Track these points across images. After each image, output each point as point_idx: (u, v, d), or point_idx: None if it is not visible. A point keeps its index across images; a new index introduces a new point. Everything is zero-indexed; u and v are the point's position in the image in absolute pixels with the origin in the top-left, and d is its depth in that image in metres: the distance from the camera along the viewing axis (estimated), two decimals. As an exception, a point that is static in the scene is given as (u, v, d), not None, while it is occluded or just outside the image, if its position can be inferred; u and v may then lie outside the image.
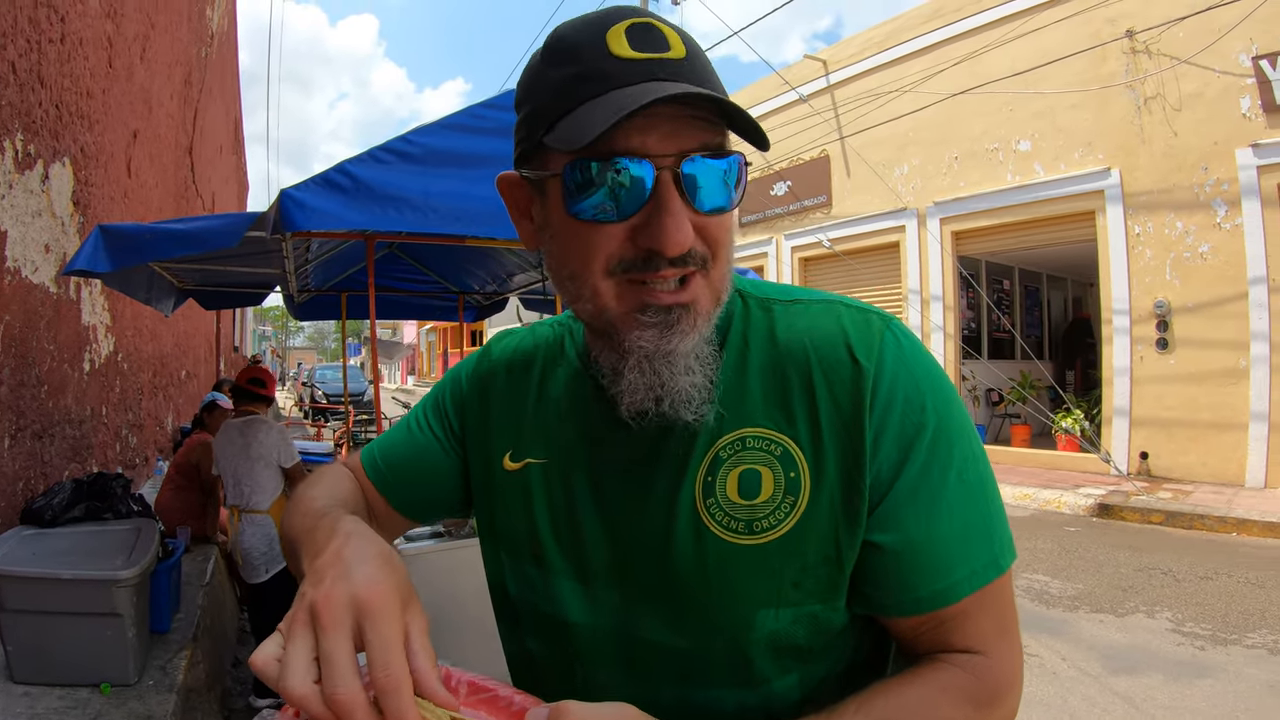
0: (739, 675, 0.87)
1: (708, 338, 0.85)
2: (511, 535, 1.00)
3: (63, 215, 4.95)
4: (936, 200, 13.09)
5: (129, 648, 3.26)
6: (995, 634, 0.86)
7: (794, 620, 0.85)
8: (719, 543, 0.84)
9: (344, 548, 0.72)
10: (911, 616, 0.85)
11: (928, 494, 0.82)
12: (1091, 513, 9.10)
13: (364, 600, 0.65)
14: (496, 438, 1.03)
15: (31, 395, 4.45)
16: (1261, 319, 9.31)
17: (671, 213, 0.77)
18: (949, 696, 0.81)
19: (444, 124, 3.91)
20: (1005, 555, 0.86)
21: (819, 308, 0.92)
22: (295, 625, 0.66)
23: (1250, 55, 9.32)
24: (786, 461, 0.84)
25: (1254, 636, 5.04)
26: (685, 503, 0.86)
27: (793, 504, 0.83)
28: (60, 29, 4.86)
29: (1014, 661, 0.87)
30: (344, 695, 0.60)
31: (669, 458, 0.89)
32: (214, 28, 12.63)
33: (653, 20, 0.79)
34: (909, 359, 0.86)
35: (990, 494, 0.86)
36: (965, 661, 0.84)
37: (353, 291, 7.89)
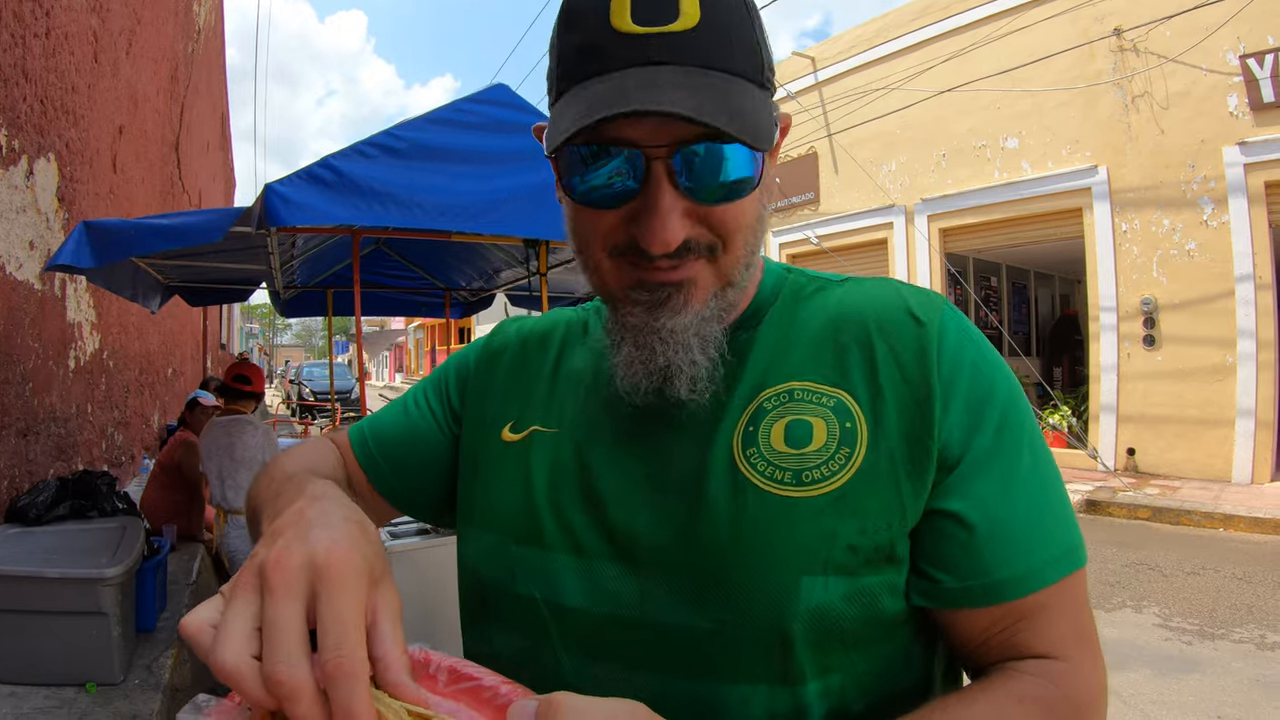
0: (771, 666, 0.73)
1: (711, 316, 0.79)
2: (498, 510, 0.89)
3: (47, 211, 4.91)
4: (924, 197, 13.11)
5: (114, 646, 3.23)
6: (1075, 639, 0.76)
7: (845, 596, 0.72)
8: (761, 495, 0.75)
9: (308, 508, 0.62)
10: (986, 608, 0.74)
11: (1002, 466, 0.75)
12: (1079, 509, 9.11)
13: (323, 565, 0.55)
14: (499, 408, 0.96)
15: (16, 393, 4.41)
16: (1248, 316, 9.35)
17: (658, 211, 0.71)
18: (1024, 707, 0.70)
19: (429, 119, 3.89)
20: (1082, 550, 0.77)
21: (876, 282, 0.87)
22: (238, 589, 0.55)
23: (1238, 53, 9.35)
24: (841, 412, 0.76)
25: (1241, 631, 5.06)
26: (720, 455, 0.78)
27: (849, 455, 0.74)
28: (45, 23, 4.82)
29: (1099, 674, 0.77)
30: (284, 674, 0.49)
31: (701, 415, 0.81)
32: (201, 23, 12.57)
33: None
34: (971, 331, 0.82)
35: (1060, 484, 0.80)
36: (1044, 669, 0.73)
37: (339, 288, 7.87)
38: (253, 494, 0.88)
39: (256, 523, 0.80)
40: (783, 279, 0.90)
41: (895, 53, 13.44)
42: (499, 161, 3.87)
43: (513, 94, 4.12)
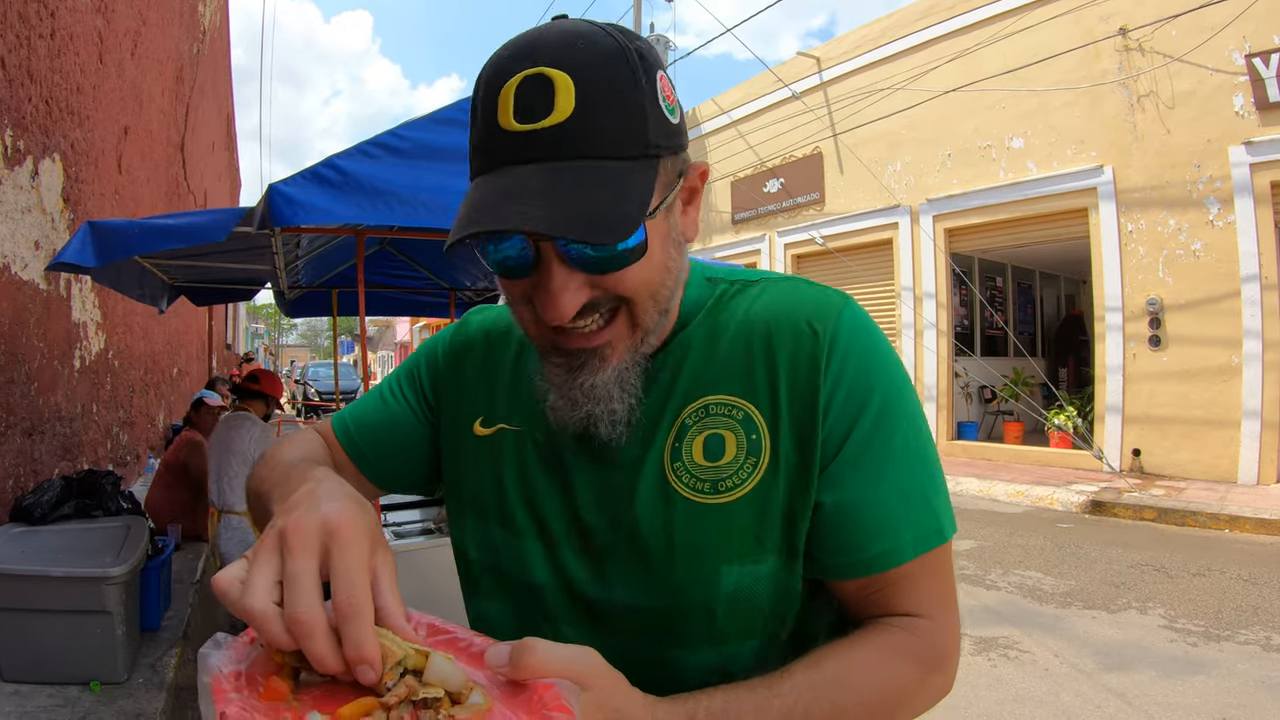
0: (703, 634, 0.89)
1: (630, 364, 0.88)
2: (479, 498, 1.02)
3: (53, 211, 4.93)
4: (929, 197, 13.11)
5: (119, 645, 3.24)
6: (938, 601, 0.91)
7: (755, 578, 0.88)
8: (686, 503, 0.88)
9: (316, 488, 0.73)
10: (859, 578, 0.89)
11: (873, 458, 0.87)
12: (1084, 510, 9.12)
13: (334, 526, 0.66)
14: (470, 404, 1.06)
15: (21, 392, 4.42)
16: (1254, 316, 9.34)
17: (550, 290, 0.80)
18: (894, 654, 0.87)
19: (433, 119, 3.89)
20: (948, 525, 0.90)
21: (784, 284, 0.97)
22: (261, 549, 0.66)
23: (1243, 53, 9.34)
24: (748, 425, 0.88)
25: (1246, 633, 5.05)
26: (653, 468, 0.90)
27: (755, 464, 0.87)
28: (50, 24, 4.84)
29: (955, 630, 0.92)
30: (305, 615, 0.60)
31: (637, 431, 0.92)
32: (206, 24, 12.59)
33: (545, 70, 0.76)
34: (862, 334, 0.91)
35: (933, 467, 0.91)
36: (910, 624, 0.89)
37: (344, 288, 7.87)
38: (256, 480, 0.97)
39: (265, 504, 0.88)
40: (704, 291, 0.99)
41: (900, 52, 13.44)
42: (503, 161, 3.87)
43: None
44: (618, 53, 0.79)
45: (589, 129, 0.76)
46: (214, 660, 0.62)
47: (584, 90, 0.76)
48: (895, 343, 13.99)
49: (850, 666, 0.84)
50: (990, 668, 4.66)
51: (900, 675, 0.86)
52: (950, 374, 13.20)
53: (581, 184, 0.75)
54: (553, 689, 0.65)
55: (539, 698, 0.65)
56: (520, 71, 0.77)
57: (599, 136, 0.77)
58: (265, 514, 0.86)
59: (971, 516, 9.04)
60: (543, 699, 0.64)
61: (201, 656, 0.62)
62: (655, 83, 0.81)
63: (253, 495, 0.97)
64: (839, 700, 0.82)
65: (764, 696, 0.80)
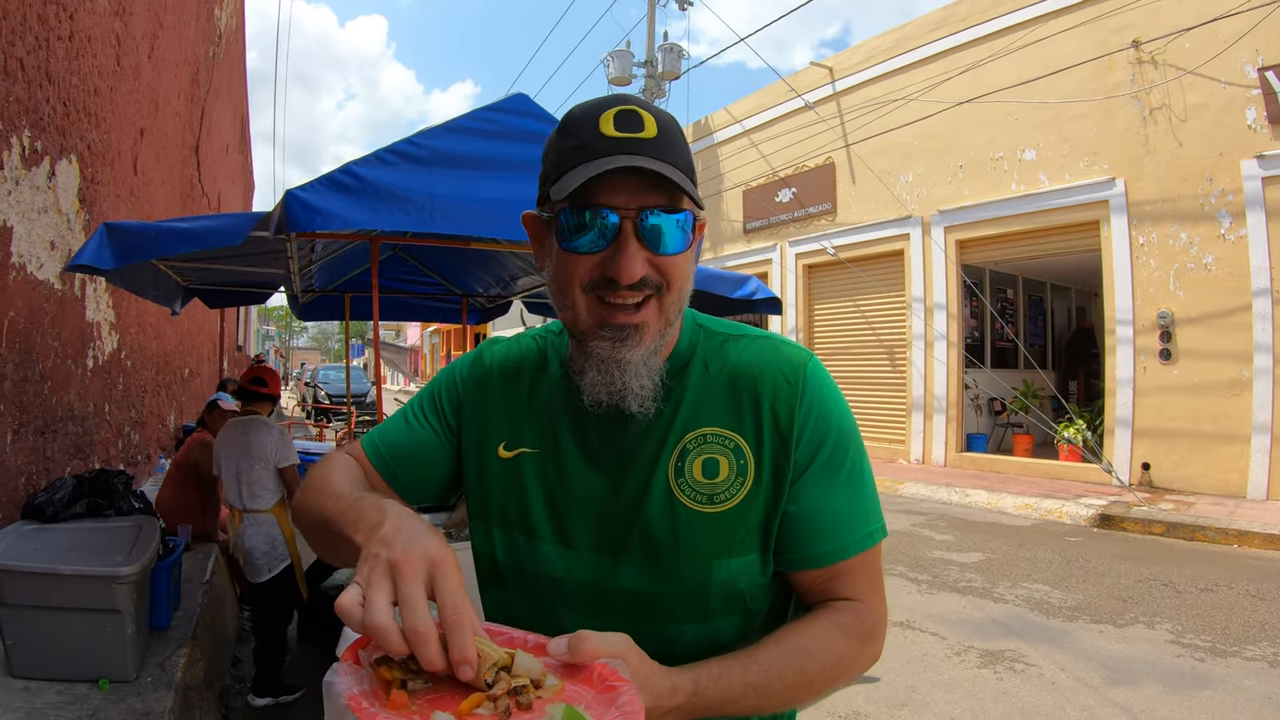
0: (697, 614, 1.14)
1: (655, 350, 1.12)
2: (504, 511, 1.22)
3: (68, 212, 4.97)
4: (941, 209, 13.10)
5: (128, 644, 3.26)
6: (870, 589, 1.17)
7: (739, 569, 1.13)
8: (689, 512, 1.12)
9: (401, 521, 0.90)
10: (812, 570, 1.15)
11: (828, 478, 1.14)
12: (1093, 523, 9.09)
13: (436, 558, 0.83)
14: (492, 431, 1.26)
15: (35, 391, 4.46)
16: (1265, 331, 9.30)
17: (626, 251, 1.03)
18: (841, 630, 1.12)
19: (449, 127, 3.92)
20: (879, 532, 1.17)
21: (761, 341, 1.22)
22: (374, 576, 0.81)
23: (1256, 66, 9.32)
24: (738, 453, 1.14)
25: (1254, 649, 5.03)
26: (660, 482, 1.14)
27: (742, 483, 1.13)
28: (69, 26, 4.88)
29: (883, 610, 1.19)
30: (422, 626, 0.76)
31: (647, 449, 1.16)
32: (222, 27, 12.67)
33: (636, 107, 1.05)
34: (823, 385, 1.18)
35: (869, 488, 1.18)
36: (851, 607, 1.15)
37: (356, 292, 7.88)
38: (314, 505, 1.16)
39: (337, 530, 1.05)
40: (696, 333, 1.24)
41: (913, 63, 13.45)
42: (518, 169, 3.89)
43: (532, 103, 4.14)
44: (675, 121, 1.09)
45: (669, 146, 1.05)
46: (341, 685, 0.76)
47: (663, 126, 1.06)
48: (905, 354, 13.98)
49: (809, 639, 1.10)
50: (997, 681, 4.66)
51: (846, 646, 1.12)
52: (960, 385, 13.18)
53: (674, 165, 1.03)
54: (608, 666, 0.85)
55: (598, 674, 0.84)
56: (616, 106, 1.05)
57: (675, 154, 1.05)
58: (337, 539, 1.04)
59: (980, 529, 9.03)
60: (602, 675, 0.84)
61: (327, 685, 0.77)
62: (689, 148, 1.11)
63: (315, 520, 1.15)
64: (803, 665, 1.07)
65: (745, 664, 1.04)
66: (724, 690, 1.01)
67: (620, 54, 19.37)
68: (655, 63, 19.29)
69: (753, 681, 1.03)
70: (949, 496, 10.84)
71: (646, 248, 1.04)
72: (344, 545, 0.99)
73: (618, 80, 19.44)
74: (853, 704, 4.39)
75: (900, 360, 14.20)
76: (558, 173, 1.07)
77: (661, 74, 19.28)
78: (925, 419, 13.58)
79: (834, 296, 15.60)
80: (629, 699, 0.80)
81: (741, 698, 1.03)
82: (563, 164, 1.06)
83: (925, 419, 13.58)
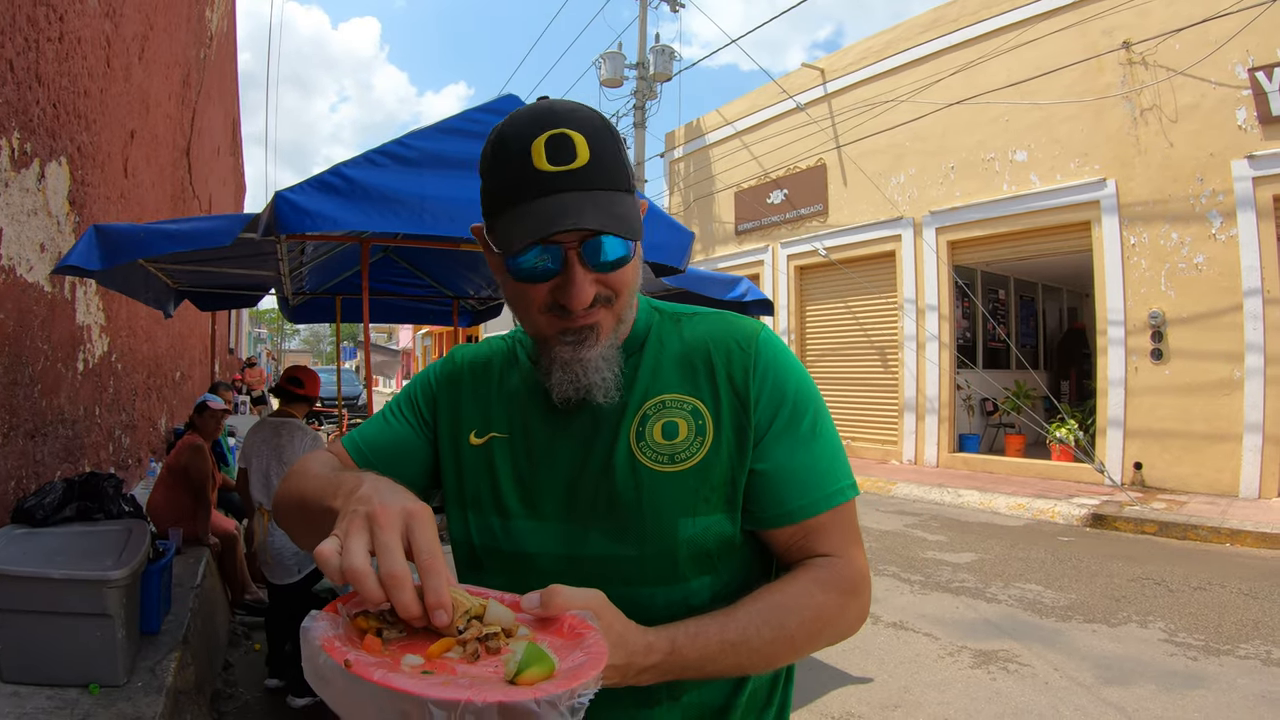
0: (666, 575, 1.16)
1: (613, 345, 1.17)
2: (478, 496, 1.26)
3: (59, 214, 4.94)
4: (932, 210, 13.13)
5: (118, 648, 3.25)
6: (847, 544, 1.19)
7: (705, 529, 1.15)
8: (650, 472, 1.15)
9: (379, 483, 0.95)
10: (785, 527, 1.17)
11: (791, 437, 1.17)
12: (1085, 523, 9.12)
13: (413, 510, 0.86)
14: (464, 420, 1.32)
15: (24, 394, 4.43)
16: (1256, 330, 9.34)
17: (574, 281, 1.08)
18: (820, 586, 1.13)
19: (439, 128, 3.90)
20: (850, 488, 1.19)
21: (714, 317, 1.28)
22: (352, 527, 0.84)
23: (1246, 67, 9.37)
24: (695, 414, 1.18)
25: (1247, 647, 5.04)
26: (623, 447, 1.18)
27: (701, 442, 1.16)
28: (59, 28, 4.86)
29: (863, 563, 1.20)
30: (399, 571, 0.79)
31: (608, 421, 1.20)
32: (213, 29, 12.64)
33: (566, 130, 1.06)
34: (776, 350, 1.21)
35: (835, 445, 1.21)
36: (828, 562, 1.17)
37: (347, 295, 7.86)
38: (293, 488, 1.21)
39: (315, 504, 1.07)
40: (651, 315, 1.29)
41: (905, 65, 13.49)
42: (508, 170, 3.88)
43: (521, 104, 4.13)
44: (604, 122, 1.11)
45: (600, 170, 1.07)
46: (316, 630, 0.78)
47: (594, 144, 1.06)
48: (897, 355, 14.00)
49: (787, 595, 1.11)
50: (990, 681, 4.66)
51: (826, 600, 1.12)
52: (952, 386, 13.20)
53: (606, 202, 1.06)
54: (577, 617, 0.88)
55: (568, 625, 0.88)
56: (546, 131, 1.06)
57: (606, 175, 1.07)
58: (314, 513, 1.07)
59: (972, 529, 9.04)
60: (572, 625, 0.87)
61: (304, 630, 0.79)
62: (622, 142, 1.14)
63: (292, 502, 1.20)
64: (782, 621, 1.08)
65: (722, 622, 1.05)
66: (701, 648, 1.03)
67: (612, 55, 19.40)
68: (647, 64, 19.32)
69: (731, 639, 1.05)
70: (941, 497, 10.85)
71: (593, 270, 1.09)
72: (323, 517, 1.00)
73: (609, 82, 19.47)
74: (846, 705, 4.39)
75: (892, 361, 14.23)
76: (493, 211, 1.12)
77: (653, 76, 19.31)
78: (917, 420, 13.60)
79: (826, 298, 15.62)
80: (594, 641, 0.84)
81: (720, 655, 1.04)
82: (497, 204, 1.11)
83: (917, 420, 13.60)
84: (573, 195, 1.05)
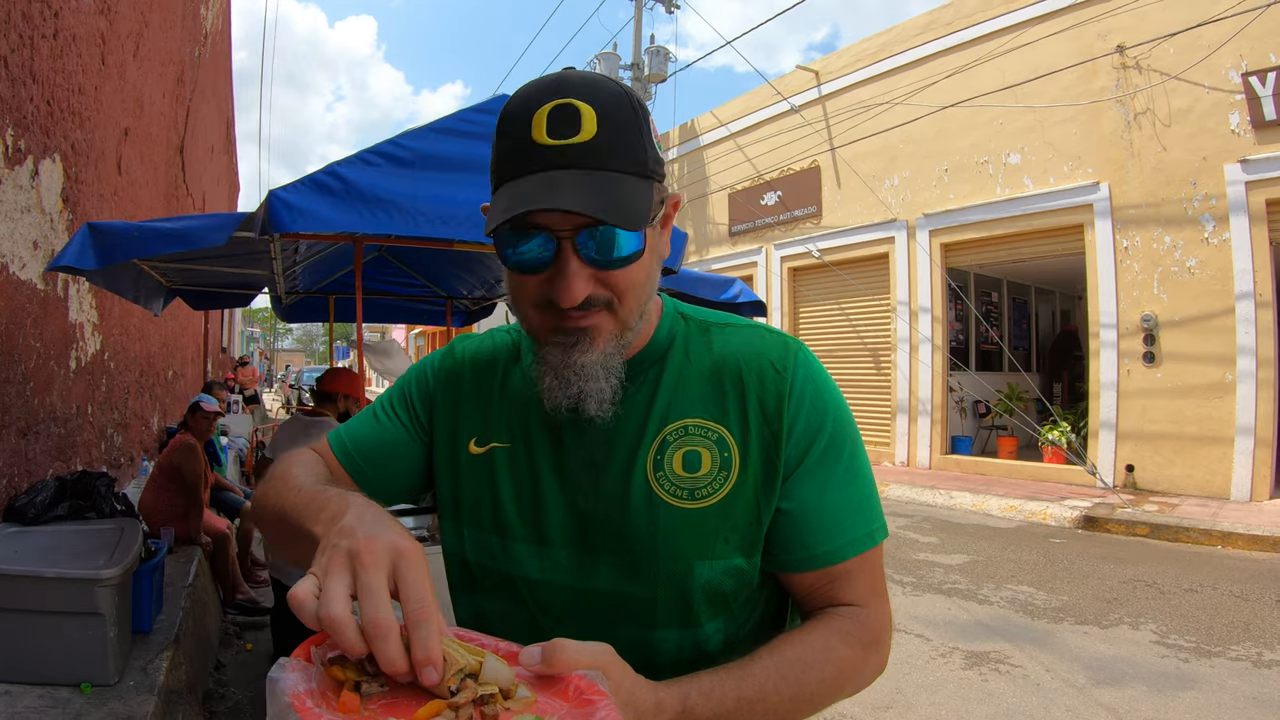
0: (680, 617, 1.06)
1: (614, 352, 1.04)
2: (475, 509, 1.16)
3: (52, 212, 4.93)
4: (926, 212, 13.15)
5: (110, 648, 3.24)
6: (872, 593, 1.09)
7: (723, 571, 1.06)
8: (668, 507, 1.05)
9: (364, 512, 0.83)
10: (808, 572, 1.07)
11: (822, 475, 1.06)
12: (1077, 525, 9.14)
13: (401, 548, 0.75)
14: (464, 425, 1.20)
15: (16, 392, 4.42)
16: (1248, 334, 9.37)
17: (566, 275, 0.96)
18: (842, 638, 1.04)
19: (433, 128, 3.90)
20: (880, 531, 1.10)
21: (747, 330, 1.15)
22: (333, 566, 0.74)
23: (1240, 71, 9.40)
24: (721, 445, 1.06)
25: (1238, 649, 5.06)
26: (639, 477, 1.06)
27: (726, 477, 1.05)
28: (53, 25, 4.85)
29: (888, 615, 1.11)
30: (383, 619, 0.69)
31: (623, 442, 1.09)
32: (208, 27, 12.61)
33: (573, 101, 0.94)
34: (814, 374, 1.10)
35: (869, 483, 1.10)
36: (850, 613, 1.07)
37: (340, 294, 7.87)
38: (271, 498, 1.08)
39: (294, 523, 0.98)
40: (676, 321, 1.17)
41: (899, 67, 13.51)
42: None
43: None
44: (625, 97, 0.98)
45: (609, 148, 0.95)
46: (286, 683, 0.68)
47: (604, 118, 0.94)
48: (890, 357, 14.02)
49: (807, 649, 1.01)
50: (982, 682, 4.67)
51: (847, 655, 1.03)
52: (945, 388, 13.23)
53: (606, 185, 0.93)
54: (585, 679, 0.77)
55: (574, 687, 0.76)
56: (551, 101, 0.95)
57: (616, 154, 0.95)
58: (296, 533, 0.96)
59: (965, 531, 9.06)
60: (578, 688, 0.76)
61: (271, 681, 0.68)
62: (648, 124, 1.00)
63: (273, 515, 1.06)
64: (801, 678, 0.98)
65: (739, 677, 0.95)
66: (715, 706, 0.92)
67: (607, 56, 19.41)
68: (642, 65, 19.34)
69: (747, 696, 0.94)
70: (934, 499, 10.88)
71: (591, 264, 0.97)
72: (303, 539, 0.91)
73: (604, 83, 19.42)
74: (838, 706, 4.39)
75: (885, 363, 14.25)
76: (495, 180, 1.02)
77: (648, 77, 19.32)
78: (910, 422, 13.62)
79: (819, 299, 15.63)
80: (607, 713, 0.72)
81: (735, 714, 0.94)
82: (499, 172, 1.00)
83: (910, 422, 13.62)
84: (569, 174, 0.93)
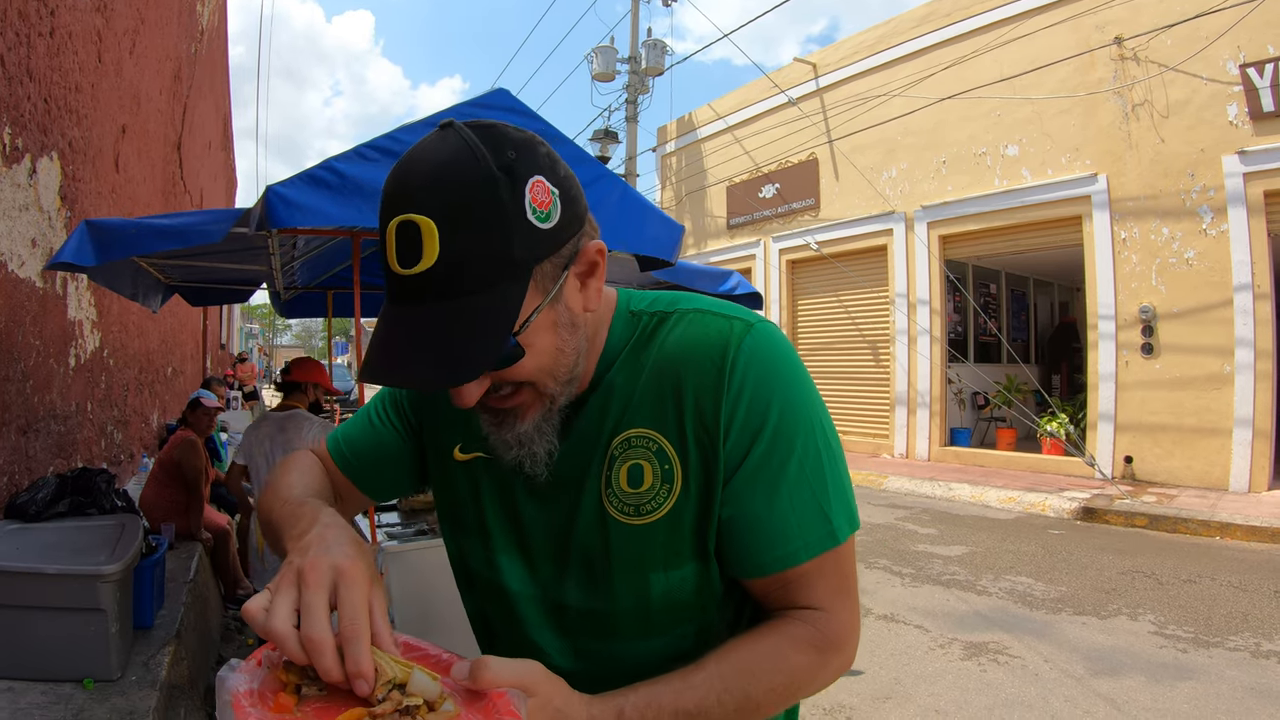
0: (643, 628, 1.07)
1: (546, 417, 1.01)
2: (462, 516, 1.19)
3: (50, 210, 4.93)
4: (924, 204, 13.14)
5: (112, 643, 3.24)
6: (833, 594, 1.04)
7: (680, 580, 1.05)
8: (618, 524, 1.04)
9: (326, 531, 0.90)
10: (758, 579, 1.04)
11: (767, 478, 1.00)
12: (1076, 516, 9.15)
13: (342, 569, 0.82)
14: (447, 432, 1.20)
15: (16, 390, 4.43)
16: (1246, 325, 9.38)
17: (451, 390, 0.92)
18: (795, 645, 1.01)
19: (430, 122, 3.88)
20: (845, 528, 1.02)
21: (693, 316, 1.07)
22: (282, 583, 0.81)
23: (1238, 63, 9.39)
24: (661, 456, 1.03)
25: (1236, 639, 5.08)
26: (592, 494, 1.06)
27: (669, 490, 1.02)
28: (50, 23, 4.84)
29: (851, 616, 1.06)
30: (318, 636, 0.76)
31: (578, 458, 1.06)
32: (204, 24, 12.59)
33: (413, 217, 0.85)
34: (761, 358, 1.01)
35: (830, 479, 1.02)
36: (808, 616, 1.03)
37: (339, 289, 7.86)
38: (266, 508, 1.13)
39: (277, 533, 1.05)
40: (630, 327, 1.10)
41: (897, 59, 13.50)
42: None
43: (513, 98, 4.12)
44: (483, 182, 0.86)
45: (452, 272, 0.86)
46: (231, 682, 0.76)
47: (449, 230, 0.85)
48: (888, 349, 14.02)
49: (755, 656, 0.99)
50: (980, 672, 4.68)
51: (800, 662, 1.01)
52: (943, 380, 13.23)
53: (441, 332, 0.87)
54: (504, 696, 0.82)
55: (493, 705, 0.81)
56: (397, 216, 0.86)
57: (462, 276, 0.86)
58: (278, 541, 1.03)
59: (963, 522, 9.07)
60: (496, 706, 0.81)
61: (219, 679, 0.76)
62: (524, 196, 0.88)
63: (265, 521, 1.13)
64: (746, 688, 0.97)
65: (678, 689, 0.95)
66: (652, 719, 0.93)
67: (604, 50, 19.36)
68: (639, 58, 19.30)
69: (687, 709, 0.94)
70: (933, 490, 10.89)
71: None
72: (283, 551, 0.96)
73: (601, 76, 19.43)
74: (836, 697, 4.41)
75: (884, 355, 14.25)
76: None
77: (645, 70, 19.28)
78: (909, 414, 13.63)
79: (817, 292, 15.64)
80: None
81: None
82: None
83: (909, 414, 13.63)
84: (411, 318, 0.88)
